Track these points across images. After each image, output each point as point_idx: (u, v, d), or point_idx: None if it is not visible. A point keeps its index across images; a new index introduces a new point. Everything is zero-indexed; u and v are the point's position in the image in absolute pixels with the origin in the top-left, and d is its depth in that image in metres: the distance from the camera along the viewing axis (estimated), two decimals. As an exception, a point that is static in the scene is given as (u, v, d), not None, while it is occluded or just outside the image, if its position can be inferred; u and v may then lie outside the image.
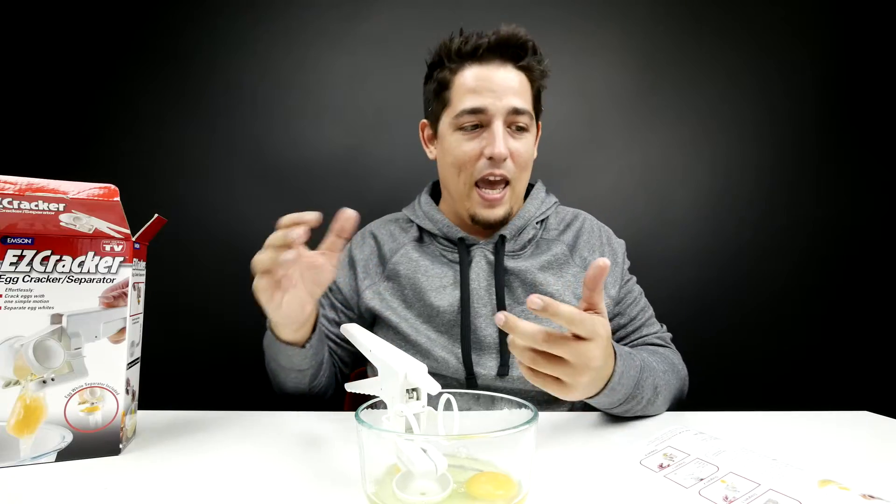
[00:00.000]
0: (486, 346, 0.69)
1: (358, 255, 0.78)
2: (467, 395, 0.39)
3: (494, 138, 0.66)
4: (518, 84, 0.68)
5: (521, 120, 0.68)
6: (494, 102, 0.66)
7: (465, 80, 0.67)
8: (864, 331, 1.29)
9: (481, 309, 0.69)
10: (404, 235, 0.77)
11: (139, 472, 0.42)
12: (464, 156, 0.68)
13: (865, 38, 1.30)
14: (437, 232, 0.74)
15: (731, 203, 1.29)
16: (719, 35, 1.29)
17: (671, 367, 0.65)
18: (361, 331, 0.46)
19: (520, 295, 0.70)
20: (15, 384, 0.43)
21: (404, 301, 0.72)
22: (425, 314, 0.71)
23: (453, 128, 0.69)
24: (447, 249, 0.74)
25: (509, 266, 0.71)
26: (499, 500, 0.30)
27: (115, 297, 0.46)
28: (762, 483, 0.36)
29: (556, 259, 0.72)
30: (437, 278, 0.71)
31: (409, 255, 0.74)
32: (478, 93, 0.66)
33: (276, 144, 1.23)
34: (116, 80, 1.20)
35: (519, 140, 0.69)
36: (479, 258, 0.71)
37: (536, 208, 0.75)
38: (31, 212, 0.41)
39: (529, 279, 0.70)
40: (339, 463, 0.44)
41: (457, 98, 0.68)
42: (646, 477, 0.41)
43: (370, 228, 0.81)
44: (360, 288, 0.75)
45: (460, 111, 0.67)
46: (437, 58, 0.71)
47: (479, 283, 0.70)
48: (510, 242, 0.72)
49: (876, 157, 1.31)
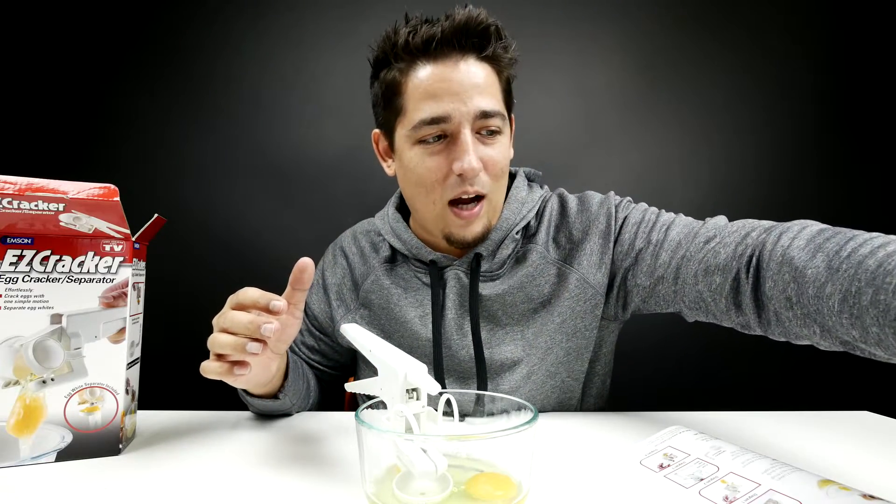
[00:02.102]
0: (466, 375, 0.64)
1: (330, 279, 0.72)
2: (467, 395, 0.39)
3: (463, 151, 0.54)
4: (484, 79, 0.56)
5: (492, 123, 0.56)
6: (458, 107, 0.54)
7: (420, 83, 0.55)
8: (864, 331, 1.29)
9: (459, 340, 0.63)
10: (375, 256, 0.70)
11: (139, 472, 0.42)
12: (429, 174, 0.57)
13: (865, 38, 1.30)
14: (406, 253, 0.66)
15: (730, 203, 1.29)
16: (719, 35, 1.29)
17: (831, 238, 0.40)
18: (361, 331, 0.46)
19: (501, 318, 0.63)
20: (15, 384, 0.43)
21: (382, 330, 0.67)
22: (405, 345, 0.65)
23: (412, 141, 0.57)
24: (421, 271, 0.66)
25: (484, 293, 0.62)
26: (498, 500, 0.30)
27: (114, 297, 0.46)
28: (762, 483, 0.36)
29: (536, 269, 0.64)
30: (412, 308, 0.65)
31: (381, 282, 0.67)
32: (436, 97, 0.54)
33: (276, 144, 1.23)
34: (117, 80, 1.20)
35: (492, 146, 0.57)
36: (454, 283, 0.63)
37: (517, 213, 0.64)
38: (31, 212, 0.41)
39: (509, 300, 0.63)
40: (339, 463, 0.44)
41: (412, 105, 0.56)
42: (646, 477, 0.41)
43: (341, 244, 0.75)
44: (335, 317, 0.70)
45: (418, 122, 0.55)
46: (381, 54, 0.59)
47: (453, 312, 0.63)
48: (486, 261, 0.63)
49: (876, 157, 1.31)
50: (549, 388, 0.65)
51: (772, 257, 0.44)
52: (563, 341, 0.63)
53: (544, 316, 0.63)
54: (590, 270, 0.62)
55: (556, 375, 0.64)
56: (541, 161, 1.28)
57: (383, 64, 0.59)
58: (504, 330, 0.63)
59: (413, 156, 0.58)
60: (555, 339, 0.63)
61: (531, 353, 0.63)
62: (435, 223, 0.61)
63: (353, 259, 0.72)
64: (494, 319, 0.64)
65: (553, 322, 0.63)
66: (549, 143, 1.26)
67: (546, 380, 0.64)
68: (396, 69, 0.57)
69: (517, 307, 0.63)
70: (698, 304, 0.52)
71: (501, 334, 0.63)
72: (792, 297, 0.41)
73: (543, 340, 0.63)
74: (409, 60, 0.56)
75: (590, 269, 0.62)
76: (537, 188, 0.69)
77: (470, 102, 0.54)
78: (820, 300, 0.38)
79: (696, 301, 0.53)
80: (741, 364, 1.27)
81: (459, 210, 0.58)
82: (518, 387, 0.63)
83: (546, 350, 0.63)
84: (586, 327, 0.63)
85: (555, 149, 1.26)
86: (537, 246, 0.64)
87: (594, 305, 0.63)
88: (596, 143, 1.28)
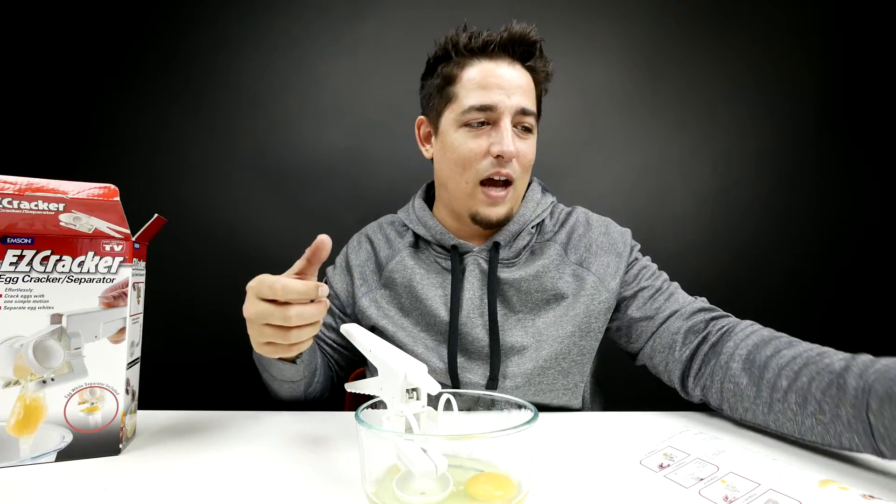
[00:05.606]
0: (479, 355, 0.67)
1: (354, 261, 0.77)
2: (467, 395, 0.39)
3: (503, 136, 0.63)
4: (526, 83, 0.66)
5: (527, 120, 0.66)
6: (503, 100, 0.64)
7: (474, 76, 0.65)
8: (865, 331, 1.29)
9: (476, 319, 0.68)
10: (400, 241, 0.76)
11: (139, 472, 0.42)
12: (469, 153, 0.65)
13: (865, 38, 1.30)
14: (430, 238, 0.72)
15: (730, 203, 1.29)
16: (719, 35, 1.29)
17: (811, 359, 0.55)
18: (361, 331, 0.46)
19: (515, 304, 0.68)
20: (15, 384, 0.43)
21: (401, 309, 0.71)
22: (423, 322, 0.69)
23: (458, 124, 0.66)
24: (441, 256, 0.72)
25: (503, 276, 0.68)
26: (498, 500, 0.30)
27: (114, 297, 0.46)
28: (762, 483, 0.36)
29: (552, 263, 0.70)
30: (433, 287, 0.70)
31: (405, 262, 0.72)
32: (487, 89, 0.64)
33: (276, 144, 1.23)
34: (117, 80, 1.20)
35: (524, 141, 0.67)
36: (473, 267, 0.69)
37: (532, 211, 0.72)
38: (31, 212, 0.41)
39: (525, 287, 0.68)
40: (339, 463, 0.44)
41: (463, 93, 0.66)
42: (646, 477, 0.41)
43: (366, 232, 0.80)
44: (357, 295, 0.74)
45: (468, 107, 0.64)
46: (442, 52, 0.69)
47: (472, 293, 0.68)
48: (504, 250, 0.70)
49: (876, 157, 1.31)
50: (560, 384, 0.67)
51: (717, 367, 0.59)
52: (578, 339, 0.68)
53: (557, 310, 0.68)
54: (606, 276, 0.69)
55: (569, 374, 0.68)
56: (541, 161, 1.27)
57: (443, 59, 0.69)
58: (517, 316, 0.68)
59: (457, 136, 0.67)
60: (567, 333, 0.67)
61: (541, 342, 0.67)
62: (464, 202, 0.68)
63: (378, 244, 0.77)
64: (509, 304, 0.69)
65: (568, 317, 0.67)
66: (550, 143, 1.26)
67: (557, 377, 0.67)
68: (455, 63, 0.67)
69: (531, 295, 0.68)
70: (665, 348, 0.65)
71: (514, 320, 0.68)
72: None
73: (556, 333, 0.67)
74: (468, 57, 0.66)
75: (605, 276, 0.69)
76: (549, 195, 0.78)
77: (514, 98, 0.64)
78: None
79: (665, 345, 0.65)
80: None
81: (488, 190, 0.66)
82: (526, 373, 0.66)
83: (556, 340, 0.66)
84: (599, 329, 0.69)
85: (555, 149, 1.26)
86: (555, 244, 0.72)
87: (608, 308, 0.69)
88: (596, 143, 1.28)
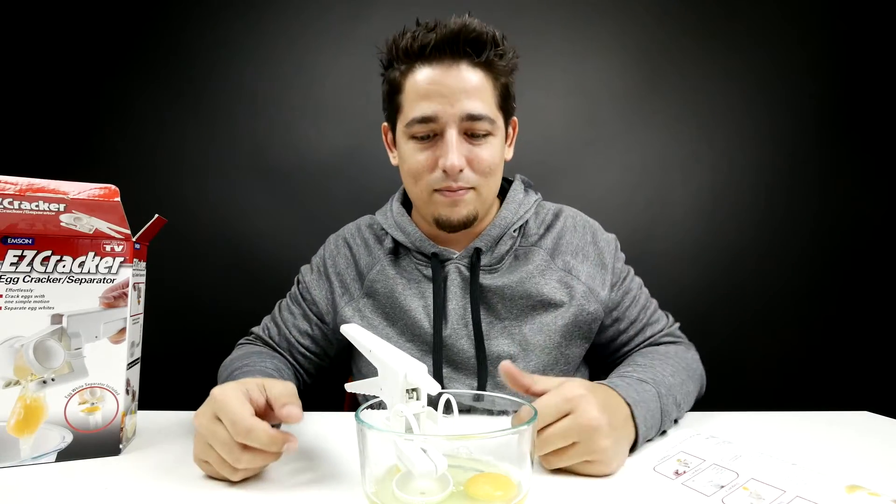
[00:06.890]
0: (465, 367, 0.65)
1: (332, 268, 0.73)
2: (467, 395, 0.39)
3: (447, 149, 0.59)
4: (476, 84, 0.60)
5: (479, 127, 0.60)
6: (446, 109, 0.59)
7: (416, 84, 0.60)
8: (865, 331, 1.29)
9: (461, 330, 0.65)
10: (379, 248, 0.72)
11: (139, 472, 0.42)
12: (418, 165, 0.62)
13: (865, 37, 1.30)
14: (410, 245, 0.68)
15: (730, 203, 1.29)
16: (719, 34, 1.29)
17: (685, 369, 0.60)
18: (361, 331, 0.46)
19: (500, 311, 0.66)
20: (15, 384, 0.43)
21: (386, 318, 0.68)
22: (408, 332, 0.67)
23: (406, 136, 0.63)
24: (422, 264, 0.68)
25: (486, 283, 0.66)
26: (498, 500, 0.30)
27: (115, 297, 0.46)
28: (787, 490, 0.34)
29: (537, 268, 0.67)
30: (415, 298, 0.67)
31: (386, 272, 0.69)
32: (428, 98, 0.59)
33: (276, 144, 1.23)
34: (116, 79, 1.20)
35: (480, 146, 0.62)
36: (455, 275, 0.66)
37: (514, 213, 0.69)
38: (32, 212, 0.41)
39: (508, 294, 0.65)
40: (339, 463, 0.44)
41: (407, 104, 0.62)
42: (662, 485, 0.40)
43: (343, 235, 0.77)
44: (339, 304, 0.71)
45: (410, 119, 0.61)
46: (386, 56, 0.65)
47: (455, 303, 0.66)
48: (486, 256, 0.67)
49: (876, 156, 1.31)
50: None
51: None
52: (564, 348, 0.66)
53: (545, 317, 0.65)
54: (595, 286, 0.68)
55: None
56: (541, 161, 1.28)
57: (388, 64, 0.65)
58: (502, 324, 0.66)
59: (408, 149, 0.63)
60: (555, 343, 0.65)
61: (528, 350, 0.65)
62: (426, 208, 0.66)
63: (357, 250, 0.74)
64: (494, 312, 0.66)
65: (556, 325, 0.65)
66: (550, 143, 1.26)
67: None
68: (398, 70, 0.63)
69: (516, 302, 0.66)
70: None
71: (499, 328, 0.66)
72: None
73: (542, 340, 0.65)
74: (409, 63, 0.61)
75: (594, 286, 0.68)
76: (532, 193, 0.73)
77: (457, 105, 0.59)
78: None
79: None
80: (741, 364, 1.27)
81: (444, 191, 0.63)
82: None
83: (543, 349, 0.65)
84: (587, 337, 0.68)
85: (555, 149, 1.26)
86: (540, 250, 0.69)
87: (596, 318, 0.68)
88: (596, 143, 1.28)
